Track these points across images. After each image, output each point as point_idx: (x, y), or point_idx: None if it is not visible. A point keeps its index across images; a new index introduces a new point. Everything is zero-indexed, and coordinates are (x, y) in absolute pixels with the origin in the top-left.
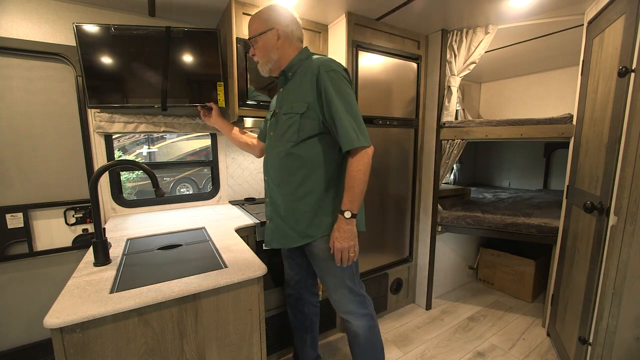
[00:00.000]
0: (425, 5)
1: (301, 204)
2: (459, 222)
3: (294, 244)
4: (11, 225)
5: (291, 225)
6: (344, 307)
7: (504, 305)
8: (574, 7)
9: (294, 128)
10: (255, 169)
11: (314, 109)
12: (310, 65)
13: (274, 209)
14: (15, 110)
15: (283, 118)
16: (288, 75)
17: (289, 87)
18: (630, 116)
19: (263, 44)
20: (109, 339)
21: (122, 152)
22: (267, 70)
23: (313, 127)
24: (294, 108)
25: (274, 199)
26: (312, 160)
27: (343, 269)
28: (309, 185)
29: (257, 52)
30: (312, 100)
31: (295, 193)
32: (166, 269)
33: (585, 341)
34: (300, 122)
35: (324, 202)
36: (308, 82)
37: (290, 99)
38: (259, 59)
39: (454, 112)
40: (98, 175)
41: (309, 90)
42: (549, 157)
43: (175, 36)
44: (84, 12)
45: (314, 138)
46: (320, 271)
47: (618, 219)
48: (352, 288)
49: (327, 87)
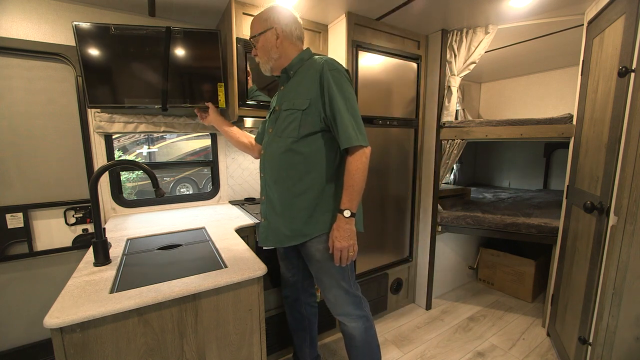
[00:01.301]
0: (425, 5)
1: (298, 201)
2: (459, 222)
3: (288, 242)
4: (11, 225)
5: (287, 223)
6: (340, 309)
7: (504, 305)
8: (574, 7)
9: (295, 124)
10: (255, 169)
11: (316, 106)
12: (312, 64)
13: (269, 206)
14: (15, 110)
15: (284, 114)
16: (289, 74)
17: (290, 85)
18: (630, 116)
19: (263, 43)
20: (109, 339)
21: (122, 152)
22: (269, 69)
23: (314, 124)
24: (295, 104)
25: (270, 196)
26: (312, 156)
27: (339, 269)
28: (307, 182)
29: (258, 51)
30: (314, 96)
31: (292, 189)
32: (166, 269)
33: (585, 341)
34: (302, 118)
35: (322, 200)
36: (310, 79)
37: (292, 95)
38: (260, 59)
39: (454, 112)
40: (98, 175)
41: (312, 87)
42: (549, 157)
43: (175, 36)
44: (84, 12)
45: (314, 135)
46: (316, 272)
47: (618, 219)
48: (348, 289)
49: (331, 84)
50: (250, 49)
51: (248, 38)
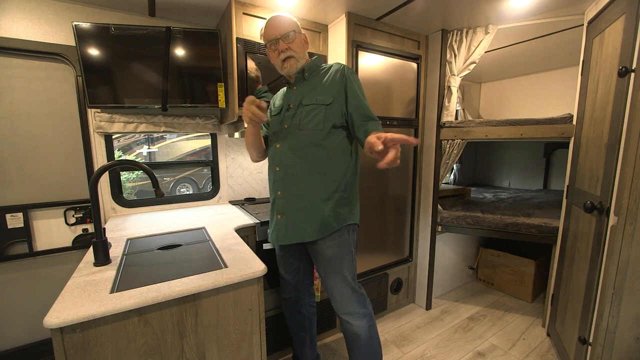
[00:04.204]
0: (425, 5)
1: (322, 194)
2: (459, 222)
3: (310, 237)
4: (11, 225)
5: (310, 217)
6: (346, 308)
7: (504, 305)
8: (574, 7)
9: (320, 117)
10: (255, 169)
11: (338, 102)
12: (328, 68)
13: (289, 201)
14: (15, 110)
15: (306, 109)
16: (305, 75)
17: (305, 86)
18: (630, 116)
19: (300, 42)
20: (109, 339)
21: (122, 152)
22: (300, 66)
23: (336, 118)
24: (319, 100)
25: (291, 190)
26: (334, 150)
27: (348, 267)
28: (330, 175)
29: (295, 46)
30: (336, 94)
31: (316, 183)
32: (166, 269)
33: (585, 341)
34: (326, 112)
35: (343, 193)
36: (331, 80)
37: (312, 93)
38: (296, 53)
39: (454, 112)
40: (98, 175)
41: (333, 86)
42: (549, 157)
43: (175, 36)
44: (84, 12)
45: (336, 129)
46: (325, 271)
47: (618, 219)
48: (355, 288)
49: (353, 84)
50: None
51: (280, 35)
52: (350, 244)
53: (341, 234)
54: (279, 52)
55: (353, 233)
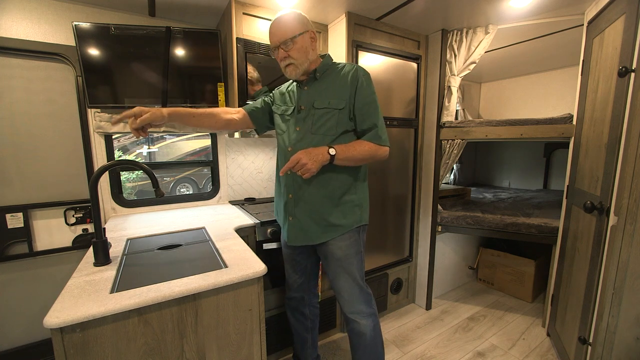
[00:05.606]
0: (425, 5)
1: (333, 197)
2: (459, 222)
3: (319, 239)
4: (11, 225)
5: (320, 220)
6: (354, 307)
7: (504, 305)
8: (574, 7)
9: (333, 122)
10: (255, 169)
11: (349, 106)
12: (341, 68)
13: (300, 204)
14: (15, 110)
15: (318, 113)
16: (316, 75)
17: (317, 87)
18: (630, 116)
19: (301, 45)
20: (109, 339)
21: (122, 152)
22: (302, 71)
23: (347, 123)
24: (331, 104)
25: (302, 194)
26: None
27: (358, 267)
28: (341, 179)
29: (295, 52)
30: (348, 97)
31: (328, 187)
32: (166, 269)
33: (585, 341)
34: (339, 116)
35: (352, 195)
36: (343, 81)
37: (324, 95)
38: (296, 60)
39: (454, 112)
40: (98, 175)
41: (344, 89)
42: (549, 157)
43: (175, 36)
44: (83, 12)
45: (347, 134)
46: (334, 270)
47: (618, 219)
48: (363, 287)
49: (364, 87)
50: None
51: (278, 43)
52: (360, 244)
53: (352, 234)
54: (280, 59)
55: (363, 233)
